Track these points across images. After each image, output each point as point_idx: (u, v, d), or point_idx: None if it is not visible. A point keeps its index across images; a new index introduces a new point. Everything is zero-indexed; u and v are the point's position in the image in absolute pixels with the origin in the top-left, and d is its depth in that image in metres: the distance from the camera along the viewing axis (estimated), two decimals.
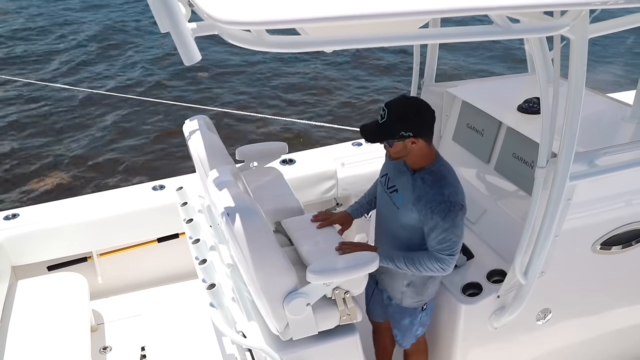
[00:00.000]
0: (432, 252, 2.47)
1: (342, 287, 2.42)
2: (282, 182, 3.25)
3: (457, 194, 2.44)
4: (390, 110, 2.39)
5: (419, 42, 1.72)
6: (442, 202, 2.38)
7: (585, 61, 2.19)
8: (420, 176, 2.50)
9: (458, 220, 2.42)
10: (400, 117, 2.39)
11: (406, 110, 2.42)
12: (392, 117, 2.38)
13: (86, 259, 3.86)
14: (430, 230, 2.45)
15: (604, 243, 2.92)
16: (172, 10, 1.54)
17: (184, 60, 1.61)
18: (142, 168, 7.35)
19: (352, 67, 10.83)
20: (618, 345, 3.44)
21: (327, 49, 1.87)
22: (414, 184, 2.50)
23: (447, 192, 2.42)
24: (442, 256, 2.45)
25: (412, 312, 2.78)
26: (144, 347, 3.44)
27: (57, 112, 8.91)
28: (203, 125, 3.04)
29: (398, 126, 2.38)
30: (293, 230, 2.77)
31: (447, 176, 2.49)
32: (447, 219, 2.38)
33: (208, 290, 2.60)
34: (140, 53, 11.64)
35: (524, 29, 1.93)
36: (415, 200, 2.47)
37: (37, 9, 14.32)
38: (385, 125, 2.39)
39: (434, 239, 2.45)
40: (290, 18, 1.57)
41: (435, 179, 2.46)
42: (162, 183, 4.04)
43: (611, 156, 2.68)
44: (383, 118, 2.40)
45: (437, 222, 2.40)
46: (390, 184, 2.65)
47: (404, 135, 2.38)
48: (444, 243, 2.43)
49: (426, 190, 2.45)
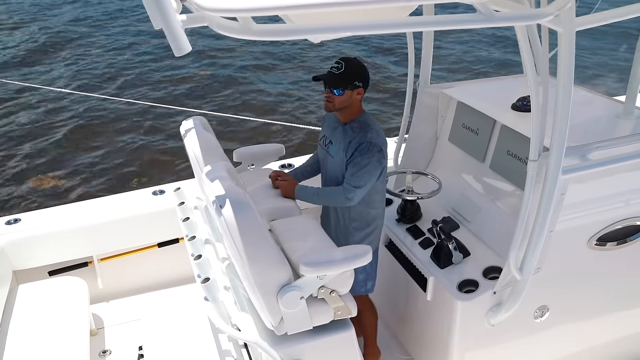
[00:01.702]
0: (343, 184, 2.83)
1: (328, 287, 2.43)
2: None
3: (378, 137, 2.82)
4: (346, 63, 2.77)
5: (403, 30, 1.74)
6: (364, 142, 2.77)
7: (573, 53, 2.22)
8: (350, 126, 2.88)
9: (374, 160, 2.78)
10: (355, 68, 2.78)
11: (358, 65, 2.82)
12: (348, 68, 2.76)
13: (87, 264, 3.88)
14: (349, 165, 2.82)
15: (600, 239, 2.92)
16: (162, 3, 1.58)
17: (174, 52, 1.64)
18: (142, 172, 7.41)
19: None
20: (616, 343, 3.41)
21: (314, 38, 1.90)
22: (345, 133, 2.89)
23: (369, 135, 2.80)
24: (348, 186, 2.80)
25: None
26: (143, 350, 3.45)
27: (56, 116, 8.99)
28: (199, 125, 3.07)
29: (353, 77, 2.77)
30: (280, 232, 2.77)
31: (372, 124, 2.87)
32: (365, 157, 2.76)
33: (202, 284, 2.60)
34: (138, 56, 11.76)
35: (507, 17, 1.95)
36: (346, 146, 2.85)
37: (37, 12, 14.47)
38: (342, 75, 2.76)
39: (348, 172, 2.82)
40: (275, 5, 1.61)
41: (361, 126, 2.85)
42: (162, 188, 4.07)
43: (603, 150, 2.69)
44: (340, 69, 2.75)
45: (356, 157, 2.78)
46: (327, 141, 3.03)
47: (356, 84, 2.78)
48: (354, 175, 2.79)
49: (354, 135, 2.83)
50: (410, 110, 3.81)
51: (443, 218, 3.30)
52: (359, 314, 3.12)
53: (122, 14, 15.09)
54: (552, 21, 2.06)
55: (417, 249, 3.21)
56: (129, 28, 13.71)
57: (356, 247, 2.49)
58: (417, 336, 3.34)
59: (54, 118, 8.95)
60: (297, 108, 9.39)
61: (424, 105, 3.72)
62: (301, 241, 2.63)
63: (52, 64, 11.30)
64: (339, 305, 2.48)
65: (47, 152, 7.94)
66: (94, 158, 7.78)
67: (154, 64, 11.37)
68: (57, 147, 8.10)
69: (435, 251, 3.09)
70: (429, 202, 3.39)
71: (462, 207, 3.37)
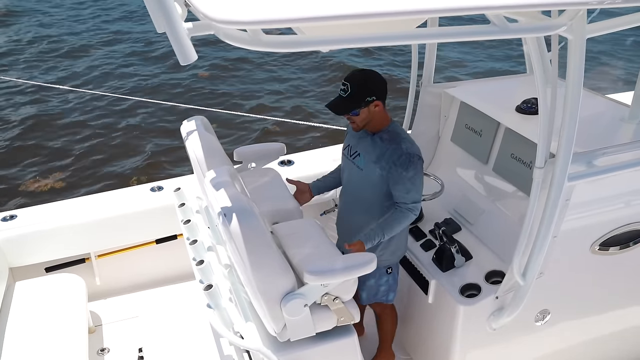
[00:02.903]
0: (400, 205, 2.75)
1: (332, 294, 2.41)
2: (280, 184, 3.24)
3: (413, 146, 2.73)
4: (351, 83, 2.65)
5: (415, 42, 1.71)
6: (402, 155, 2.67)
7: (583, 61, 2.19)
8: (379, 136, 2.78)
9: (419, 170, 2.70)
10: (361, 86, 2.66)
11: (364, 78, 2.70)
12: (354, 88, 2.65)
13: (84, 260, 3.85)
14: (395, 182, 2.71)
15: (603, 244, 2.91)
16: (168, 10, 1.53)
17: (180, 60, 1.61)
18: (140, 169, 7.33)
19: (349, 68, 10.84)
20: (617, 347, 3.43)
21: (323, 49, 1.86)
22: (374, 144, 2.78)
23: (404, 146, 2.69)
24: (410, 205, 2.74)
25: (375, 273, 2.84)
26: (142, 348, 3.43)
27: (53, 113, 8.90)
28: (200, 125, 3.03)
29: (362, 94, 2.65)
30: (282, 236, 2.76)
31: (402, 133, 2.78)
32: (410, 169, 2.67)
33: (205, 292, 2.58)
34: (138, 53, 11.64)
35: (521, 28, 1.92)
36: (377, 158, 2.74)
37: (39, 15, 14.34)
38: (351, 97, 2.65)
39: (400, 190, 2.72)
40: (287, 17, 1.57)
41: (392, 137, 2.75)
42: (160, 184, 4.03)
43: (610, 156, 2.67)
44: (347, 91, 2.65)
45: (401, 173, 2.67)
46: (352, 152, 2.91)
47: (368, 100, 2.66)
48: (410, 192, 2.71)
49: (386, 147, 2.73)
50: (413, 109, 3.78)
51: (445, 220, 3.28)
52: (380, 319, 3.23)
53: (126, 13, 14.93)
54: (564, 30, 2.03)
55: (419, 250, 3.20)
56: (132, 26, 13.55)
57: (361, 256, 2.47)
58: (418, 338, 3.34)
59: (52, 115, 8.85)
60: (298, 106, 9.32)
61: (426, 105, 3.69)
62: (303, 246, 2.61)
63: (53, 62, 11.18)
64: (342, 312, 2.46)
65: (44, 149, 7.86)
66: (91, 156, 7.71)
67: (155, 60, 11.25)
68: (54, 143, 8.01)
69: (437, 254, 3.08)
70: (430, 202, 3.37)
71: (464, 209, 3.35)
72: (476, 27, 1.84)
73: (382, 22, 1.69)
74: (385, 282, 3.00)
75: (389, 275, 3.00)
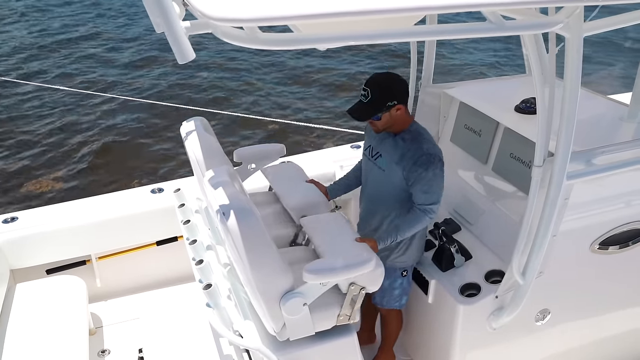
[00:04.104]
0: (417, 205, 2.72)
1: (358, 283, 2.42)
2: (305, 177, 3.26)
3: (434, 147, 2.71)
4: (372, 88, 2.63)
5: (412, 39, 1.72)
6: (423, 155, 2.65)
7: (580, 59, 2.19)
8: (401, 137, 2.76)
9: (438, 171, 2.67)
10: (382, 90, 2.64)
11: (385, 82, 2.68)
12: (375, 93, 2.63)
13: (85, 262, 3.85)
14: (415, 182, 2.69)
15: (602, 243, 2.91)
16: (166, 9, 1.54)
17: (177, 59, 1.61)
18: (140, 171, 7.35)
19: (349, 69, 10.85)
20: (617, 347, 3.42)
21: (320, 46, 1.87)
22: (396, 145, 2.76)
23: (425, 146, 2.68)
24: (427, 207, 2.71)
25: (391, 274, 2.88)
26: (142, 349, 3.43)
27: (53, 114, 8.92)
28: (200, 126, 3.04)
29: (384, 99, 2.63)
30: (310, 229, 2.75)
31: (424, 134, 2.76)
32: (429, 170, 2.64)
33: (204, 291, 2.59)
34: (137, 54, 11.67)
35: (518, 25, 1.92)
36: (399, 158, 2.72)
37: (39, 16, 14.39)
38: (372, 102, 2.63)
39: (419, 190, 2.69)
40: (283, 15, 1.57)
41: (414, 137, 2.73)
42: (161, 186, 4.03)
43: (608, 155, 2.68)
44: (368, 97, 2.63)
45: (421, 173, 2.65)
46: (374, 152, 2.89)
47: (390, 105, 2.64)
48: (428, 193, 2.68)
49: (407, 147, 2.71)
50: (413, 109, 3.78)
51: (445, 220, 3.28)
52: (386, 319, 3.22)
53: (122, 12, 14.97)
54: (561, 28, 2.04)
55: None
56: (132, 26, 13.59)
57: (359, 254, 2.47)
58: (418, 338, 3.34)
59: (52, 117, 8.87)
60: (298, 107, 9.34)
61: (425, 105, 3.69)
62: (332, 239, 2.62)
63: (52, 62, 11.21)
64: (358, 307, 2.46)
65: (45, 151, 7.88)
66: (92, 158, 7.72)
67: (154, 61, 11.28)
68: (54, 146, 8.04)
69: (437, 254, 3.08)
70: None
71: (463, 208, 3.36)
72: (473, 24, 1.84)
73: (379, 20, 1.69)
74: (400, 285, 3.00)
75: (403, 278, 3.00)
